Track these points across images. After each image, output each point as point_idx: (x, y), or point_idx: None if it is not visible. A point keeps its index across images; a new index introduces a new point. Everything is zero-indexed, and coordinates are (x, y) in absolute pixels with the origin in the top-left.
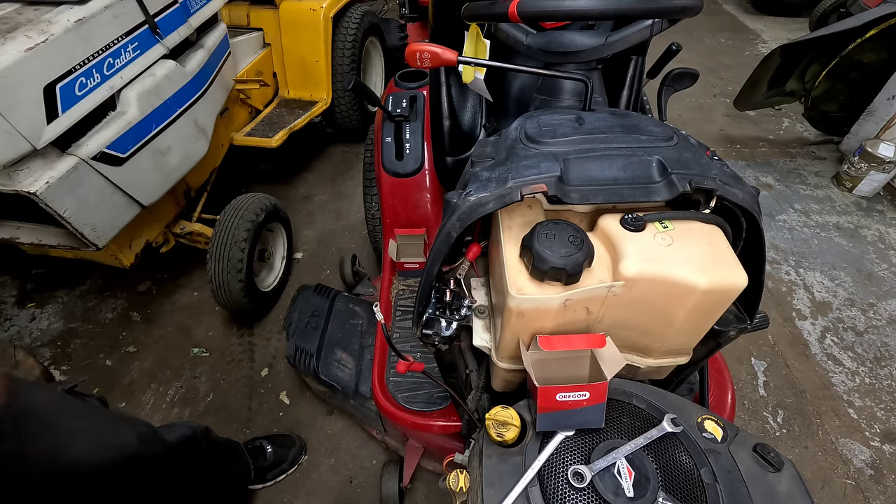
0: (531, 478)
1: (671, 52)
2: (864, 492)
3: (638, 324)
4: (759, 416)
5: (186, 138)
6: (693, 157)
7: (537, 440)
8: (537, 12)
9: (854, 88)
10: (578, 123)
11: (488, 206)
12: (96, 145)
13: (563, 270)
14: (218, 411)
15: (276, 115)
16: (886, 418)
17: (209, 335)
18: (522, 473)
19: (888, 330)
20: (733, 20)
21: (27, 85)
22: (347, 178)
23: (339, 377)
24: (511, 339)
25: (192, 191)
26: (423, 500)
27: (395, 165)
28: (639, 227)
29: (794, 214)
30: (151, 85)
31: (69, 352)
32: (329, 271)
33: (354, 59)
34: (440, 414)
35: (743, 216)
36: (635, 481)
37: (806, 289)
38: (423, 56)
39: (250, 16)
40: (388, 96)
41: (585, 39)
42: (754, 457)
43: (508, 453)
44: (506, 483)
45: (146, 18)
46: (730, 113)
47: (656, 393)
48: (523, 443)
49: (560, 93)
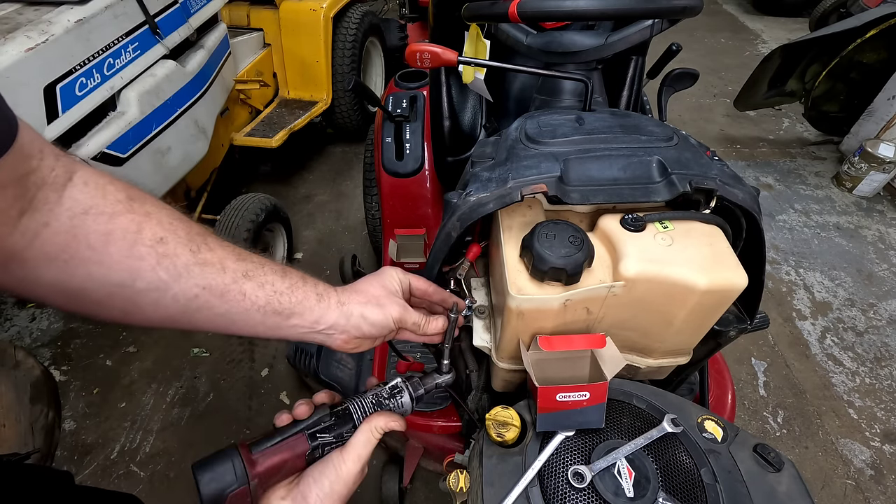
0: (531, 478)
1: (671, 52)
2: (865, 492)
3: (638, 324)
4: (760, 416)
5: (186, 138)
6: (693, 157)
7: (537, 440)
8: (537, 12)
9: (854, 88)
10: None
11: (488, 207)
12: (96, 145)
13: (563, 270)
14: (218, 411)
15: (276, 116)
16: (886, 418)
17: (209, 335)
18: (522, 473)
19: (888, 330)
20: (733, 20)
21: (27, 85)
22: (347, 178)
23: (339, 377)
24: (511, 340)
25: (192, 191)
26: (423, 500)
27: (396, 165)
28: (639, 228)
29: (795, 214)
30: (152, 85)
31: (69, 352)
32: (329, 271)
33: (354, 60)
34: (440, 414)
35: (743, 216)
36: (635, 481)
37: (806, 289)
38: (423, 56)
39: (250, 16)
40: (388, 96)
41: (585, 40)
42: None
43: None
44: (506, 483)
45: (146, 18)
46: (730, 113)
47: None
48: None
49: (560, 93)
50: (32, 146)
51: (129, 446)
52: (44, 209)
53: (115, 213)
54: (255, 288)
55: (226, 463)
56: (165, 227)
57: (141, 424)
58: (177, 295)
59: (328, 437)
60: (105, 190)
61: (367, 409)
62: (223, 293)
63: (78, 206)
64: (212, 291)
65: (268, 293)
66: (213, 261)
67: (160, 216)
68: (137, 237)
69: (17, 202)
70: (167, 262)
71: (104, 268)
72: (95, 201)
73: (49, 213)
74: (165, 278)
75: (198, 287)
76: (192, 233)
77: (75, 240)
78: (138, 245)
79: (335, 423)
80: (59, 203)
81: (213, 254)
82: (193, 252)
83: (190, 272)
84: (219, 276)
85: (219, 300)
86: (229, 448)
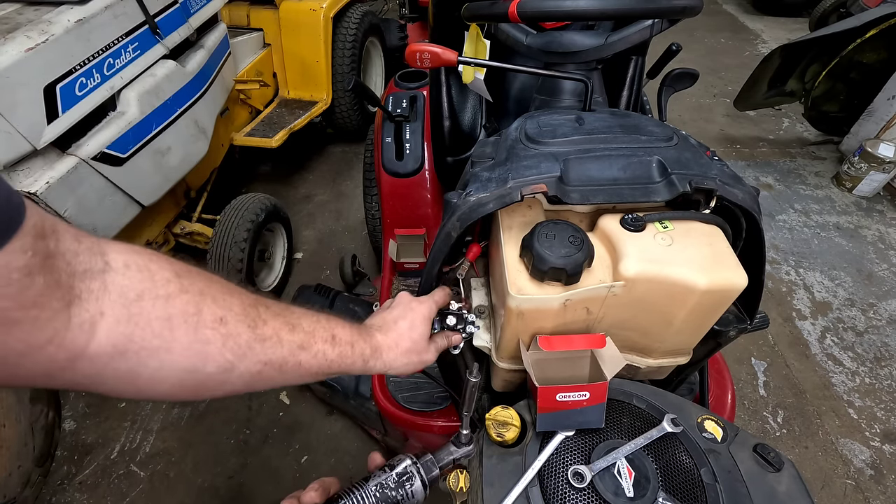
0: (531, 478)
1: (671, 52)
2: (864, 492)
3: (638, 324)
4: (760, 416)
5: (186, 138)
6: (693, 157)
7: (537, 440)
8: (537, 12)
9: (854, 88)
10: (578, 124)
11: (488, 207)
12: (96, 145)
13: (563, 270)
14: (218, 411)
15: (276, 116)
16: (886, 418)
17: None
18: (522, 473)
19: (888, 330)
20: (733, 20)
21: (27, 85)
22: (347, 178)
23: (339, 378)
24: (511, 340)
25: (192, 191)
26: None
27: (396, 165)
28: (639, 228)
29: (794, 214)
30: (152, 85)
31: None
32: (329, 271)
33: (354, 60)
34: (440, 414)
35: (743, 216)
36: (635, 481)
37: (806, 289)
38: (423, 56)
39: (250, 16)
40: (388, 96)
41: (585, 40)
42: (754, 457)
43: (508, 453)
44: (506, 483)
45: (146, 18)
46: (730, 113)
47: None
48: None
49: (560, 93)
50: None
51: (129, 446)
52: (91, 298)
53: (169, 295)
54: (310, 358)
55: None
56: (221, 305)
57: (141, 424)
58: (242, 373)
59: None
60: (150, 270)
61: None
62: (282, 366)
63: (130, 292)
64: (272, 366)
65: (320, 362)
66: (270, 335)
67: (213, 293)
68: (199, 319)
69: (54, 291)
70: (231, 343)
71: (174, 355)
72: (145, 285)
73: (100, 302)
74: (231, 359)
75: (260, 363)
76: (246, 306)
77: (139, 328)
78: (202, 328)
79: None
80: (106, 290)
81: (268, 327)
82: (251, 328)
83: (252, 350)
84: (277, 350)
85: (278, 373)
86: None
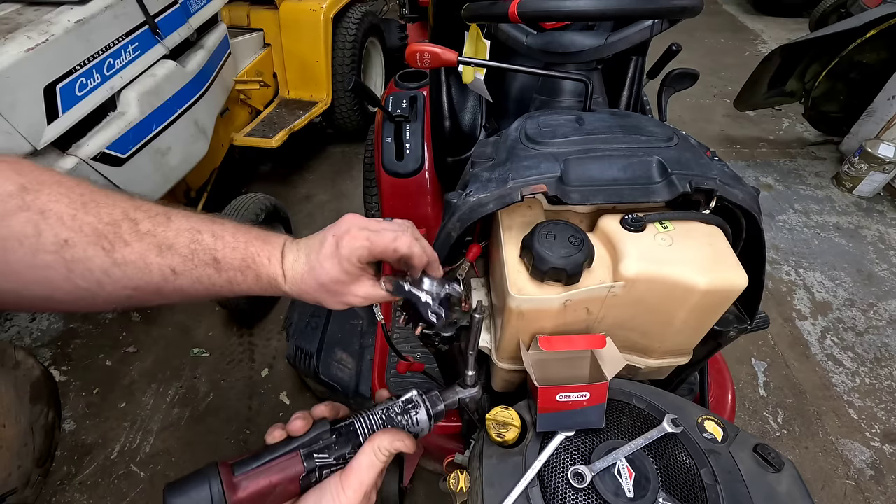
0: (531, 478)
1: (671, 52)
2: (865, 492)
3: (638, 324)
4: (760, 416)
5: (186, 138)
6: (693, 157)
7: (537, 440)
8: (537, 13)
9: (854, 88)
10: (578, 124)
11: (488, 207)
12: (96, 146)
13: (563, 271)
14: (218, 411)
15: (277, 116)
16: (886, 418)
17: (209, 335)
18: (522, 474)
19: (888, 330)
20: (733, 20)
21: (27, 85)
22: (347, 178)
23: (339, 377)
24: (511, 340)
25: (192, 191)
26: (423, 500)
27: (396, 165)
28: (639, 228)
29: (794, 215)
30: (152, 85)
31: (69, 352)
32: None
33: (354, 60)
34: None
35: (743, 216)
36: (635, 482)
37: (806, 289)
38: (423, 56)
39: (250, 16)
40: (388, 96)
41: (585, 40)
42: (754, 457)
43: (508, 454)
44: (506, 483)
45: (146, 19)
46: (730, 113)
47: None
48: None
49: (560, 93)
50: None
51: (129, 446)
52: None
53: (6, 213)
54: (192, 283)
55: (201, 486)
56: (69, 225)
57: (141, 424)
58: (109, 300)
59: (327, 458)
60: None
61: (375, 426)
62: (159, 291)
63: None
64: (145, 291)
65: (207, 287)
66: (133, 259)
67: (60, 209)
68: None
69: None
70: (80, 268)
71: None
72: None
73: None
74: (86, 287)
75: (127, 289)
76: (106, 224)
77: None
78: (40, 253)
79: (336, 442)
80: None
81: (130, 249)
82: (108, 251)
83: (110, 276)
84: (145, 276)
85: (157, 296)
86: (208, 467)
